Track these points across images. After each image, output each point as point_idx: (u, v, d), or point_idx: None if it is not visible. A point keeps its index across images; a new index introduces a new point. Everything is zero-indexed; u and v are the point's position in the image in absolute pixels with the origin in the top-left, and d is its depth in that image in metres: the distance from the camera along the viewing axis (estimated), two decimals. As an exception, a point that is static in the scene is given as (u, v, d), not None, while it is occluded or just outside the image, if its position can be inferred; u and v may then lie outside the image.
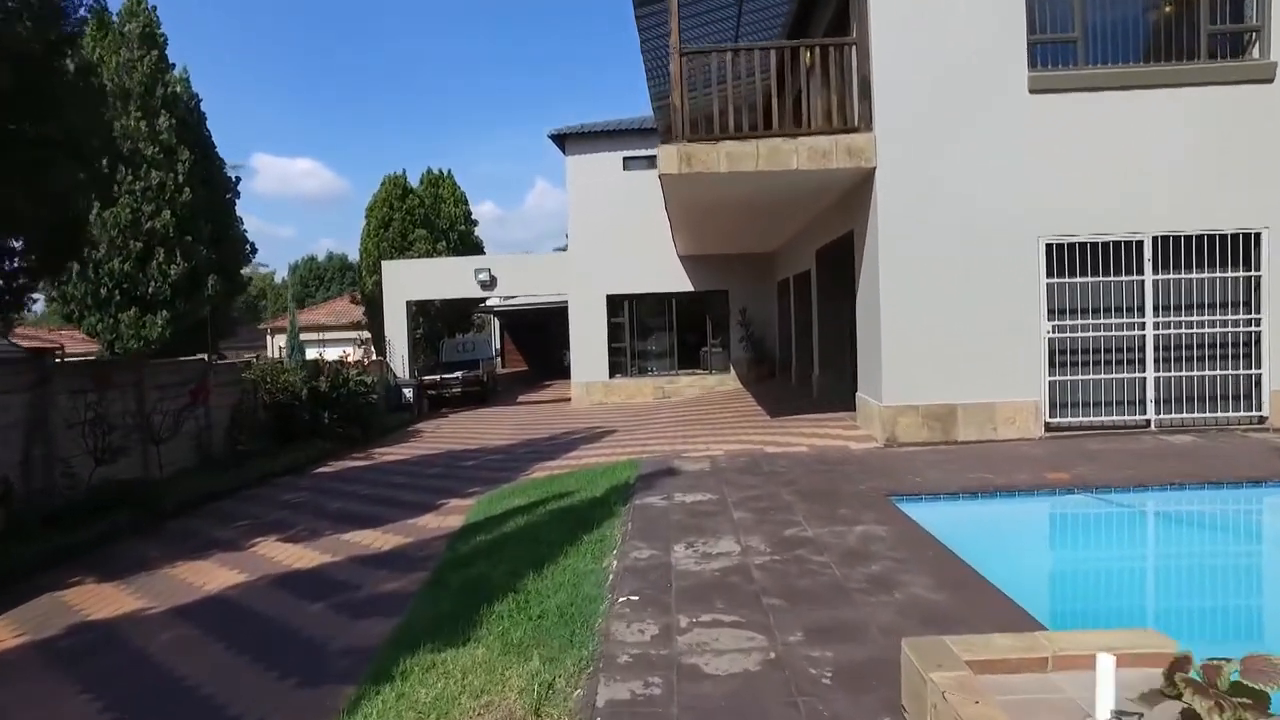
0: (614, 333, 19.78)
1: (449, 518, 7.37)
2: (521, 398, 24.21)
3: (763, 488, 6.73)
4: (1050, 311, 8.52)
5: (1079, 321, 8.52)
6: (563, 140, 19.75)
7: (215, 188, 18.09)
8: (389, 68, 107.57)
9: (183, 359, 10.14)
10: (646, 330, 20.23)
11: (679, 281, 19.44)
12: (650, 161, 18.99)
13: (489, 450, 12.35)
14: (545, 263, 20.75)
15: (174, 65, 17.53)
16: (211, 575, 5.86)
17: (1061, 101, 8.44)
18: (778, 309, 18.39)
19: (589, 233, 19.61)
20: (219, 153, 18.66)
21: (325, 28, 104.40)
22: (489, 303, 37.05)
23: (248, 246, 19.72)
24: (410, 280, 20.40)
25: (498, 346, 41.17)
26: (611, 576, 4.63)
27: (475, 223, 32.28)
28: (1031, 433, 8.54)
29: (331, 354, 18.42)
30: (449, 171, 31.74)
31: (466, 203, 31.75)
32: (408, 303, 20.36)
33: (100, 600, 5.43)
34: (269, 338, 33.86)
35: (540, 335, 35.94)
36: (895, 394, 8.61)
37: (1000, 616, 3.69)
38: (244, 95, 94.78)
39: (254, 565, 6.07)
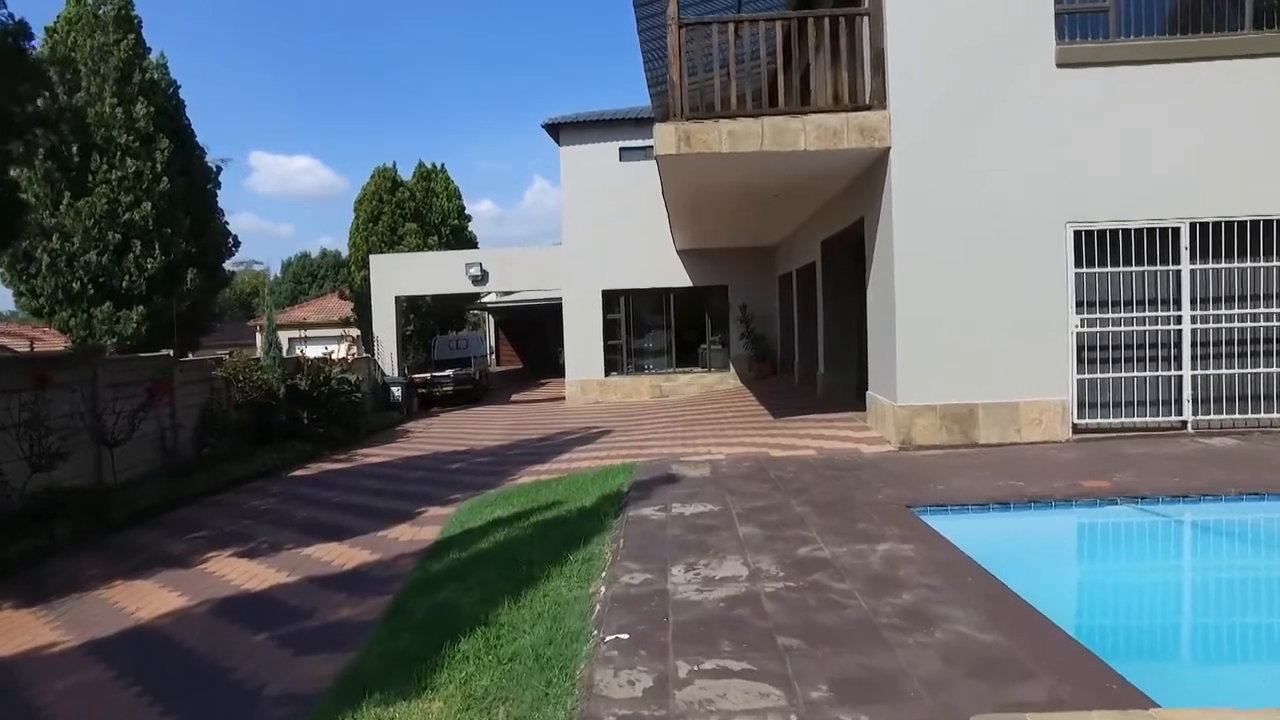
0: (610, 329, 19.11)
1: (424, 529, 6.71)
2: (515, 396, 23.56)
3: (770, 497, 6.08)
4: (1079, 304, 7.87)
5: (1110, 315, 7.86)
6: (557, 130, 19.08)
7: (195, 178, 17.42)
8: (387, 65, 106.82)
9: (143, 355, 9.45)
10: (643, 327, 19.56)
11: (677, 276, 18.78)
12: (647, 153, 18.29)
13: (477, 452, 11.69)
14: (539, 257, 20.05)
15: (151, 51, 16.87)
16: (149, 598, 5.19)
17: (1092, 76, 7.77)
18: (779, 304, 17.74)
19: (584, 226, 18.93)
20: (200, 142, 18.04)
21: (323, 25, 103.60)
22: (486, 299, 36.47)
23: (230, 240, 19.08)
24: (399, 275, 19.72)
25: (492, 344, 40.56)
26: (599, 607, 3.97)
27: (469, 218, 31.57)
28: (1059, 434, 7.89)
29: (321, 351, 17.75)
30: (442, 165, 31.08)
31: (460, 197, 31.03)
32: (397, 298, 19.68)
33: (8, 631, 4.75)
34: (258, 335, 33.13)
35: (536, 332, 35.26)
36: (911, 393, 7.95)
37: (1067, 665, 3.03)
38: (241, 93, 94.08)
39: (199, 586, 5.40)
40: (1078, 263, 7.85)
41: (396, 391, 19.21)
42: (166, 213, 15.91)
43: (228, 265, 19.88)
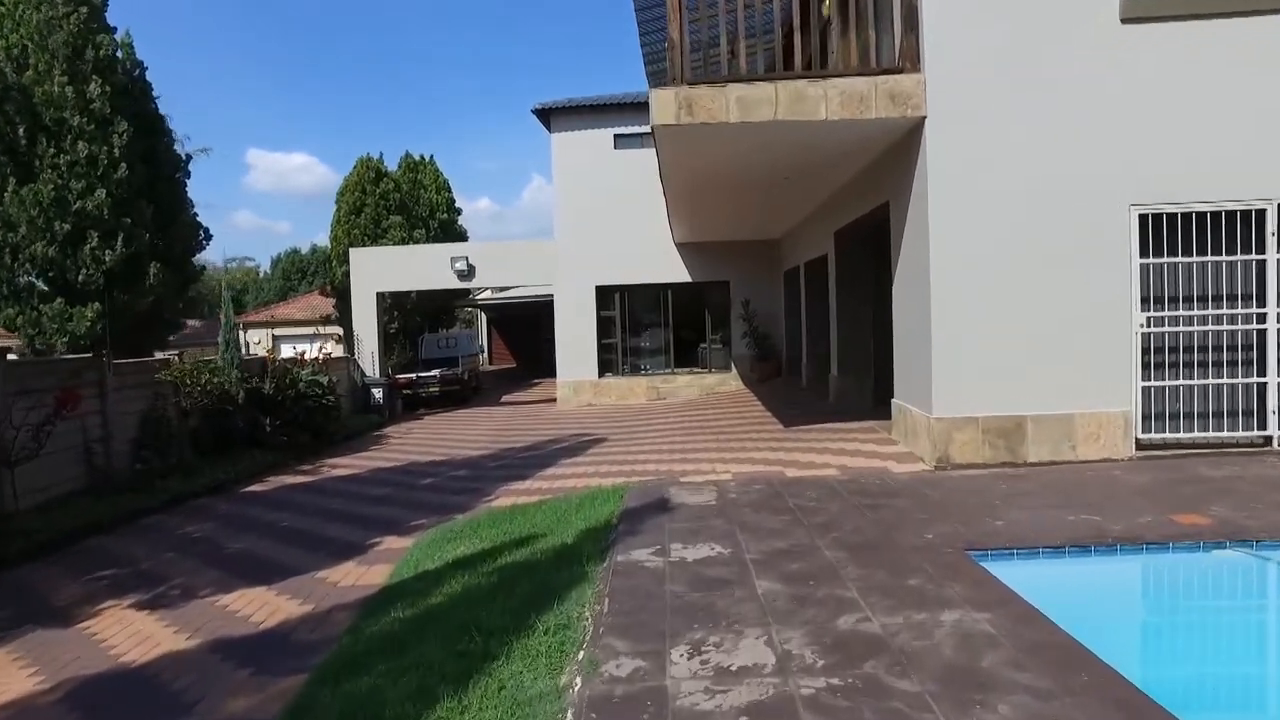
0: (604, 327, 17.99)
1: (373, 569, 5.58)
2: (506, 398, 22.45)
3: (792, 535, 4.96)
4: (1144, 300, 6.76)
5: (1180, 312, 6.75)
6: (548, 116, 17.93)
7: (161, 166, 16.22)
8: (385, 62, 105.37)
9: (59, 357, 8.32)
10: (640, 324, 18.44)
11: (675, 272, 17.65)
12: (644, 140, 17.21)
13: (455, 463, 10.56)
14: (529, 251, 18.89)
15: (115, 29, 15.68)
16: (-5, 675, 4.06)
17: (1163, 32, 6.65)
18: (785, 301, 16.62)
19: (577, 218, 17.80)
20: (176, 132, 16.88)
21: (320, 21, 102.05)
22: (480, 296, 35.28)
23: (201, 233, 17.91)
24: (380, 270, 18.55)
25: (484, 343, 39.40)
26: (570, 715, 2.86)
27: (459, 211, 30.41)
28: (1120, 451, 6.78)
29: (300, 351, 16.61)
30: (430, 157, 29.91)
31: (449, 190, 29.86)
32: (378, 295, 18.52)
33: None
34: (241, 333, 31.94)
35: (529, 331, 34.05)
36: (949, 403, 6.84)
37: None
38: (239, 91, 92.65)
39: (65, 658, 4.24)
40: (1143, 251, 6.74)
41: (377, 393, 18.07)
42: (126, 202, 14.71)
43: (220, 261, 18.76)
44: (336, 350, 18.70)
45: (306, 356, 14.27)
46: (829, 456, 7.53)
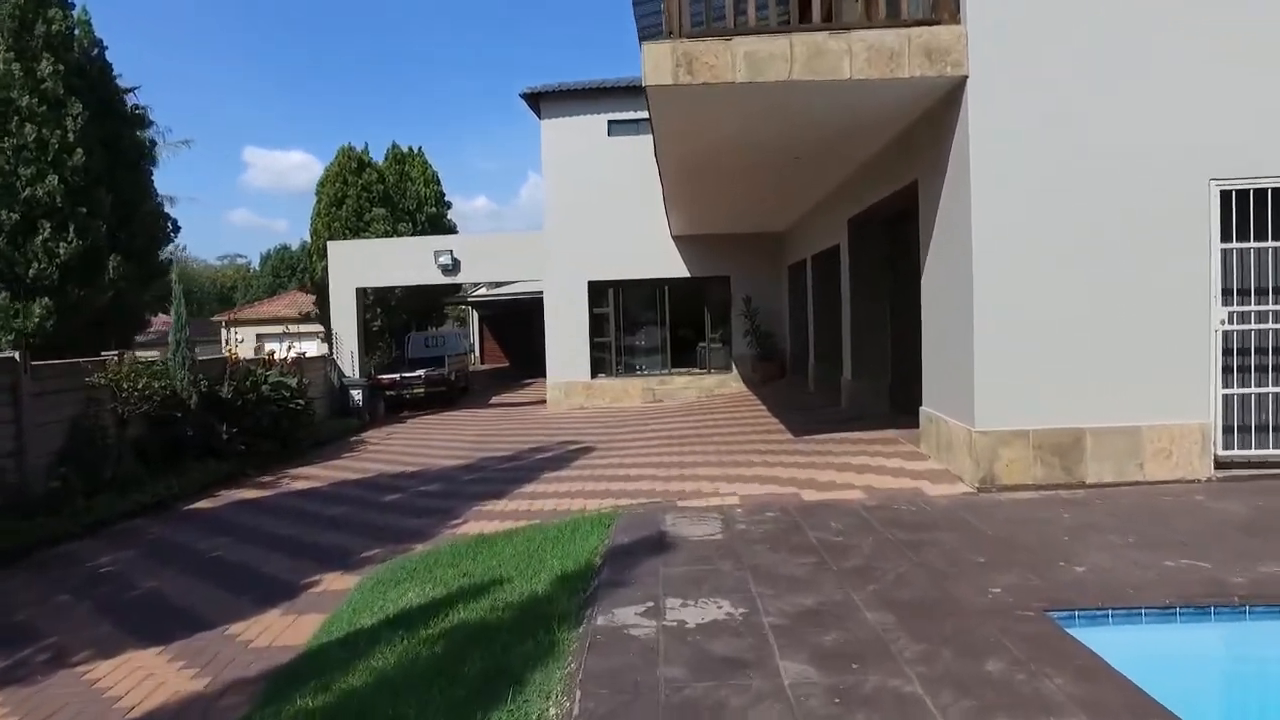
0: (597, 325, 16.94)
1: (300, 620, 4.54)
2: (496, 399, 21.39)
3: (820, 586, 3.92)
4: (1225, 292, 5.73)
5: (1269, 307, 5.73)
6: (537, 101, 16.86)
7: (122, 153, 15.13)
8: (387, 63, 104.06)
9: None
10: (635, 322, 17.39)
11: (673, 266, 16.59)
12: (640, 126, 16.17)
13: (428, 475, 9.52)
14: (519, 244, 17.83)
15: (73, 4, 14.59)
16: None
17: (1251, -25, 5.63)
18: (789, 297, 15.58)
19: (568, 210, 16.74)
20: (145, 116, 15.79)
21: (322, 23, 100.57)
22: (475, 292, 34.20)
23: (168, 225, 16.84)
24: (360, 264, 17.48)
25: (475, 341, 38.34)
26: None
27: (448, 204, 29.30)
28: (1196, 470, 5.76)
29: (267, 351, 15.57)
30: (419, 148, 28.80)
31: (439, 183, 28.73)
32: (358, 290, 17.46)
33: None
34: (225, 330, 30.83)
35: (522, 329, 32.99)
36: (994, 414, 5.80)
37: None
38: (241, 91, 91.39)
39: None
40: (1225, 235, 5.71)
41: (356, 395, 17.01)
42: (81, 190, 13.61)
43: (210, 257, 17.67)
44: (320, 349, 17.64)
45: (275, 356, 13.21)
46: (850, 474, 6.49)
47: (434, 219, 27.26)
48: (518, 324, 33.28)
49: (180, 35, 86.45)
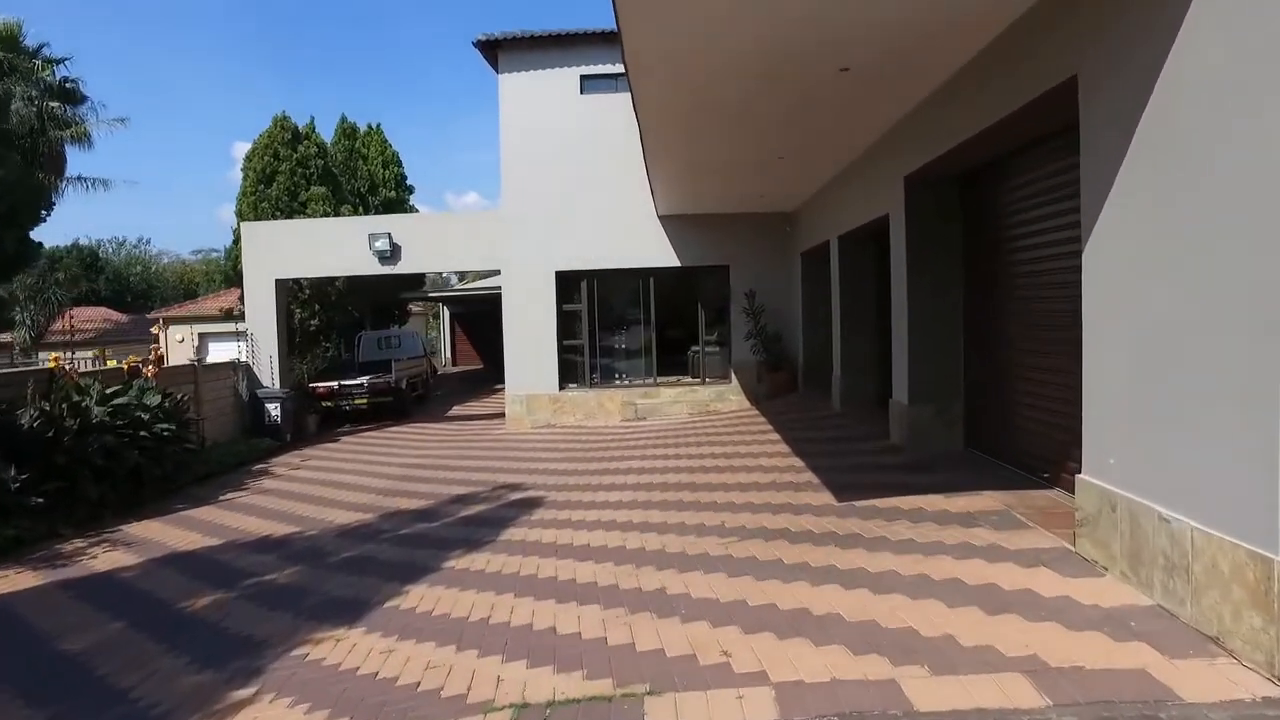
0: (567, 325, 13.88)
1: None
2: (456, 409, 18.37)
3: None
4: None
5: None
6: (494, 50, 13.73)
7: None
8: (378, 56, 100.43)
9: None
10: (613, 321, 14.33)
11: (660, 253, 13.53)
12: (619, 82, 13.13)
13: (295, 547, 6.50)
14: (472, 226, 14.73)
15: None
16: None
17: None
18: (804, 291, 12.54)
19: (531, 184, 13.67)
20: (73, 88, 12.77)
21: (312, 11, 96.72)
22: (457, 286, 31.04)
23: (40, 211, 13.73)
24: (282, 250, 14.35)
25: (446, 341, 35.20)
26: None
27: (410, 189, 26.20)
28: None
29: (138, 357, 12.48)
30: (378, 125, 25.65)
31: (399, 164, 25.64)
32: (278, 282, 14.32)
33: None
34: (160, 330, 27.47)
35: (497, 327, 29.74)
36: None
37: None
38: (244, 91, 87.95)
39: None
40: None
41: (274, 409, 13.88)
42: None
43: (183, 251, 14.60)
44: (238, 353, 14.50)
45: (128, 363, 10.10)
46: (975, 614, 3.46)
47: (392, 204, 24.14)
48: (491, 322, 30.05)
49: (189, 41, 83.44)
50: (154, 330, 11.91)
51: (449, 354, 34.78)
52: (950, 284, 6.97)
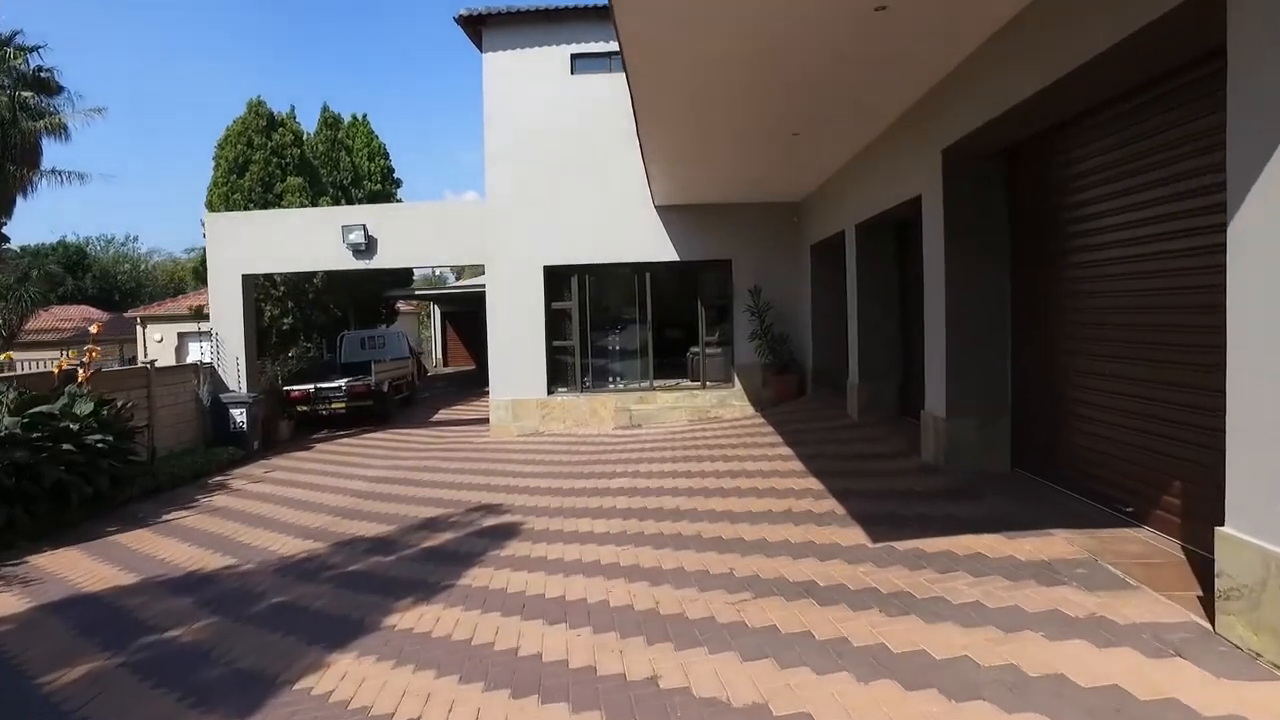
0: (556, 324, 12.82)
1: None
2: (443, 412, 17.38)
3: None
4: None
5: None
6: (479, 26, 12.66)
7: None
8: (374, 54, 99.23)
9: None
10: (606, 320, 13.26)
11: (657, 247, 12.48)
12: (612, 61, 12.10)
13: (215, 595, 5.44)
14: (454, 218, 13.65)
15: None
16: None
17: None
18: (814, 287, 11.48)
19: (518, 171, 12.62)
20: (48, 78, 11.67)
21: (315, 12, 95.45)
22: (448, 285, 29.94)
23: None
24: (249, 244, 13.26)
25: (437, 340, 34.14)
26: None
27: (398, 182, 25.12)
28: None
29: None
30: (364, 116, 24.57)
31: (386, 156, 24.57)
32: (245, 278, 13.25)
33: None
34: (139, 328, 26.39)
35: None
36: None
37: None
38: (229, 83, 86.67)
39: None
40: None
41: (239, 415, 12.80)
42: None
43: (177, 250, 13.52)
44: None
45: (64, 365, 9.02)
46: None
47: (378, 198, 23.04)
48: (483, 322, 29.06)
49: (191, 45, 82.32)
50: (93, 330, 10.78)
51: (440, 354, 33.73)
52: (996, 275, 5.91)
